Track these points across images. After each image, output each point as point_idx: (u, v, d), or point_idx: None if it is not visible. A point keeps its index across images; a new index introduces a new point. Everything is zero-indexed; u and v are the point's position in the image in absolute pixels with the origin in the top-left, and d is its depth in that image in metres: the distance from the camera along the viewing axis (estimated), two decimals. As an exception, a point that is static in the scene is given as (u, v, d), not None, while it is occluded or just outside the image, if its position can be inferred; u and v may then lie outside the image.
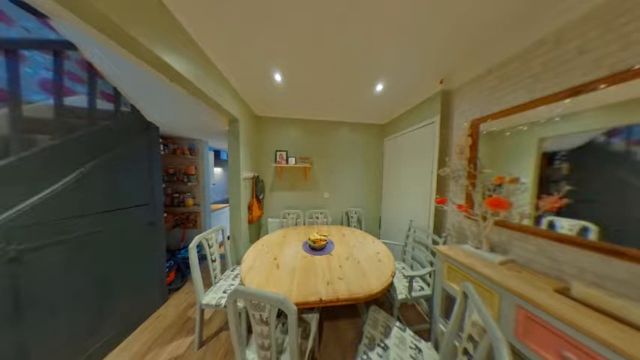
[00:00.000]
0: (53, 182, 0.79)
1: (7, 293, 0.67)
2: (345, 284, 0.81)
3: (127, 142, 1.11)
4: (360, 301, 0.74)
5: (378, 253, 1.13)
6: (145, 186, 1.23)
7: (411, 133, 1.63)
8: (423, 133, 1.48)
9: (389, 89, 1.36)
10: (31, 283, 0.73)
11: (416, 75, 1.17)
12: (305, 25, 0.79)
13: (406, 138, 1.72)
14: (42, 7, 0.49)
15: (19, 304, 0.70)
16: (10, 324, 0.68)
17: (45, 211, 0.76)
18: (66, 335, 0.84)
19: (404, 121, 1.76)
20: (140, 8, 0.60)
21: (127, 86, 1.07)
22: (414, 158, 1.59)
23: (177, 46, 0.77)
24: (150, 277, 1.29)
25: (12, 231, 0.68)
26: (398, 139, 1.87)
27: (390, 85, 1.30)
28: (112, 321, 1.03)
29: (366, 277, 0.86)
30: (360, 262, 1.02)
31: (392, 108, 1.74)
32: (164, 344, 1.08)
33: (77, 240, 0.87)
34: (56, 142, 0.81)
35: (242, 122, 1.54)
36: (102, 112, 1.03)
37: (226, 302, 0.62)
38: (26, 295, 0.72)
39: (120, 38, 0.58)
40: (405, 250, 1.46)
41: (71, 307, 0.86)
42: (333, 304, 0.72)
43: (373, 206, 2.25)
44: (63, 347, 0.83)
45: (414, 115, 1.59)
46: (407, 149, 1.70)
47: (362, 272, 0.91)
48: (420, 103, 1.51)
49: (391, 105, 1.67)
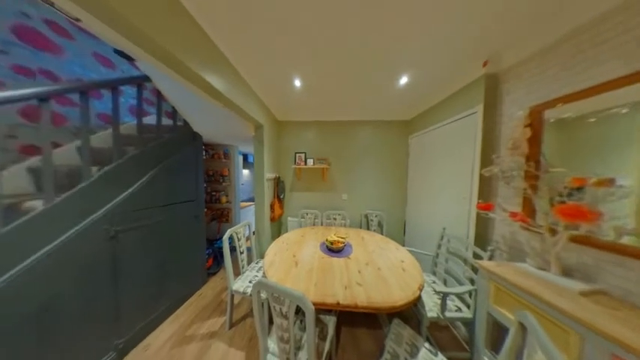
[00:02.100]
0: (135, 182, 1.05)
1: (109, 260, 0.93)
2: (364, 291, 0.77)
3: (180, 149, 1.37)
4: (380, 311, 0.69)
5: (402, 262, 1.03)
6: (192, 185, 1.49)
7: (444, 128, 1.43)
8: (459, 126, 1.27)
9: (415, 81, 1.23)
10: (121, 256, 0.98)
11: (449, 60, 1.01)
12: (322, 29, 0.80)
13: (437, 134, 1.52)
14: (131, 53, 0.68)
15: (115, 270, 0.96)
16: (110, 282, 0.94)
17: (129, 204, 1.01)
18: (141, 299, 1.10)
19: (434, 114, 1.56)
20: (191, 40, 0.74)
21: (180, 104, 1.34)
22: (447, 156, 1.39)
23: (215, 67, 0.91)
24: (194, 262, 1.55)
25: (112, 217, 0.93)
26: (426, 135, 1.67)
27: (417, 76, 1.17)
28: (168, 295, 1.28)
29: (388, 287, 0.79)
30: (382, 269, 0.96)
31: (418, 102, 1.56)
32: (203, 320, 1.28)
33: (148, 226, 1.13)
34: (137, 152, 1.07)
35: (266, 128, 1.68)
36: (165, 127, 1.32)
37: (251, 291, 0.68)
38: (119, 264, 0.97)
39: (176, 66, 0.73)
40: (436, 262, 1.28)
41: (144, 279, 1.11)
42: (351, 310, 0.70)
43: (396, 210, 2.07)
44: (138, 308, 1.08)
45: (448, 106, 1.39)
46: (438, 146, 1.50)
47: (383, 280, 0.85)
48: (455, 92, 1.31)
49: (418, 98, 1.50)
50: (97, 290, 0.88)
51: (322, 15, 0.74)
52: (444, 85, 1.28)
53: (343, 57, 0.99)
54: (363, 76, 1.19)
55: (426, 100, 1.53)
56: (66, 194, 0.78)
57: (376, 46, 0.90)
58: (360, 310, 0.69)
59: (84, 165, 0.85)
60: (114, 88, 1.00)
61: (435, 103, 1.55)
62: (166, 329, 1.19)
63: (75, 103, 1.19)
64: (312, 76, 1.19)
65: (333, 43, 0.89)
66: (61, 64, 1.17)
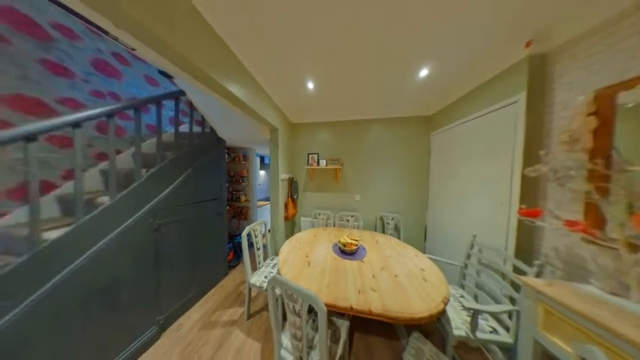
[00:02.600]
0: (172, 182, 1.22)
1: (153, 250, 1.10)
2: (379, 297, 0.73)
3: (207, 153, 1.54)
4: (397, 321, 0.64)
5: (423, 270, 0.95)
6: (216, 185, 1.65)
7: (474, 122, 1.27)
8: (494, 119, 1.11)
9: (438, 72, 1.13)
10: (162, 246, 1.15)
11: (481, 44, 0.89)
12: (335, 31, 0.80)
13: (465, 129, 1.35)
14: (171, 72, 0.80)
15: (157, 257, 1.12)
16: (153, 269, 1.10)
17: (168, 201, 1.18)
18: (176, 284, 1.26)
19: (461, 107, 1.40)
20: (216, 56, 0.83)
21: (208, 113, 1.50)
22: (478, 154, 1.23)
23: (236, 78, 1.00)
24: (217, 254, 1.71)
25: (155, 212, 1.10)
26: (452, 131, 1.50)
27: (441, 66, 1.07)
28: (197, 282, 1.45)
29: (407, 296, 0.74)
30: (399, 276, 0.89)
31: (442, 95, 1.42)
32: (225, 308, 1.39)
33: (182, 221, 1.29)
34: (174, 156, 1.24)
35: (280, 130, 1.76)
36: (195, 134, 1.50)
37: (267, 286, 0.72)
38: (160, 253, 1.14)
39: (205, 80, 0.83)
40: (464, 274, 1.14)
41: (178, 266, 1.28)
42: (364, 316, 0.67)
43: (415, 213, 1.91)
44: (173, 291, 1.25)
45: (478, 97, 1.23)
46: (467, 143, 1.34)
47: (400, 288, 0.79)
48: (487, 81, 1.16)
49: (441, 91, 1.37)
50: (144, 273, 1.05)
51: (334, 18, 0.74)
52: (473, 74, 1.14)
53: (357, 56, 0.97)
54: (379, 73, 1.14)
55: (451, 93, 1.39)
56: (124, 192, 0.95)
57: (394, 38, 0.85)
58: (374, 317, 0.66)
59: (136, 168, 1.03)
60: (158, 102, 1.19)
61: (461, 95, 1.39)
62: (195, 313, 1.34)
63: (130, 117, 1.45)
64: (325, 77, 1.20)
65: (346, 44, 0.88)
66: (121, 86, 1.44)
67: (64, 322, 0.73)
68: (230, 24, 0.78)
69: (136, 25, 0.53)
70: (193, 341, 1.11)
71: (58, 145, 1.09)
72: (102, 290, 0.85)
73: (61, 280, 0.72)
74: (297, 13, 0.72)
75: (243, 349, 1.06)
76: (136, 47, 0.63)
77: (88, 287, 0.80)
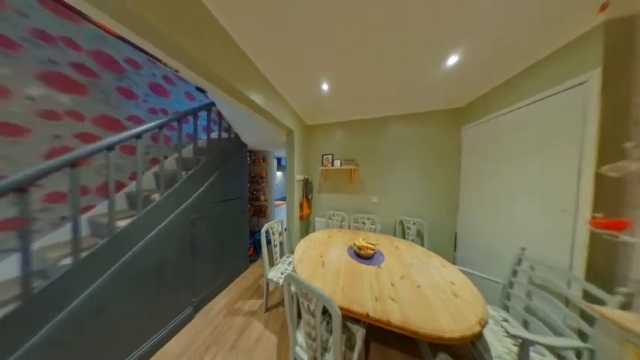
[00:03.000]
0: (204, 182, 1.40)
1: (189, 240, 1.27)
2: (399, 308, 0.67)
3: (232, 156, 1.72)
4: (419, 336, 0.58)
5: (453, 284, 0.83)
6: (239, 185, 1.82)
7: (521, 111, 1.06)
8: (550, 106, 0.91)
9: (472, 57, 0.98)
10: (196, 237, 1.32)
11: (533, 15, 0.73)
12: (354, 28, 0.79)
13: (508, 120, 1.15)
14: (204, 87, 0.92)
15: (193, 247, 1.30)
16: (189, 257, 1.28)
17: (201, 198, 1.36)
18: (207, 272, 1.43)
19: (502, 95, 1.19)
20: (239, 67, 0.93)
21: (233, 121, 1.67)
22: (528, 149, 1.02)
23: (256, 86, 1.09)
24: (240, 248, 1.88)
25: (192, 208, 1.28)
26: (490, 123, 1.29)
27: (475, 50, 0.93)
28: (223, 272, 1.61)
29: (432, 311, 0.66)
30: (422, 287, 0.81)
31: (476, 82, 1.24)
32: (246, 298, 1.51)
33: (212, 216, 1.46)
34: (206, 160, 1.43)
35: (296, 133, 1.83)
36: (223, 140, 1.69)
37: (283, 283, 0.74)
38: (195, 243, 1.31)
39: (230, 90, 0.94)
40: (508, 293, 0.96)
41: (209, 256, 1.45)
42: (382, 326, 0.63)
43: (442, 218, 1.70)
44: (205, 278, 1.42)
45: (526, 81, 1.03)
46: (511, 136, 1.13)
47: (424, 301, 0.71)
48: (539, 61, 0.96)
49: (475, 78, 1.19)
50: (183, 260, 1.23)
51: (353, 17, 0.73)
52: (519, 55, 0.95)
53: (376, 52, 0.93)
54: (400, 66, 1.07)
55: (487, 80, 1.19)
56: (169, 190, 1.14)
57: (418, 26, 0.78)
58: (393, 328, 0.61)
59: (178, 170, 1.22)
60: (194, 114, 1.39)
61: (501, 82, 1.18)
62: (222, 299, 1.50)
63: (174, 127, 1.73)
64: (341, 77, 1.19)
65: (364, 41, 0.86)
66: (169, 102, 1.74)
67: (129, 292, 0.92)
68: (251, 36, 0.86)
69: (180, 50, 0.64)
70: (220, 325, 1.24)
71: (127, 153, 1.40)
72: (154, 270, 1.04)
73: (128, 259, 0.91)
74: (314, 17, 0.74)
75: (262, 339, 1.13)
76: (179, 69, 0.76)
77: (144, 266, 0.99)
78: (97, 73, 1.25)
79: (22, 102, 0.96)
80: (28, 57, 0.98)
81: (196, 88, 1.83)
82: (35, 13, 0.99)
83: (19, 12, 0.94)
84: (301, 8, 0.70)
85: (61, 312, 0.70)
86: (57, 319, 0.69)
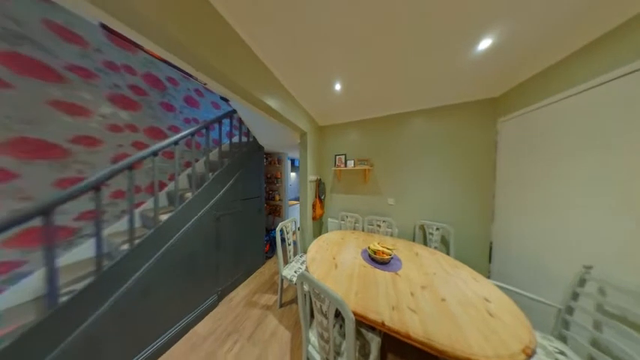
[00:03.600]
0: (227, 182, 1.54)
1: (214, 235, 1.42)
2: (420, 321, 0.62)
3: (251, 158, 1.85)
4: (446, 356, 0.52)
5: (488, 301, 0.72)
6: (257, 185, 1.94)
7: (584, 96, 0.87)
8: (627, 88, 0.72)
9: (513, 35, 0.83)
10: (220, 233, 1.46)
11: None
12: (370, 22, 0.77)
13: (565, 108, 0.95)
14: (227, 96, 1.02)
15: (217, 241, 1.44)
16: (214, 250, 1.42)
17: (224, 197, 1.50)
18: (229, 264, 1.57)
19: (554, 78, 0.99)
20: (256, 74, 0.99)
21: (251, 125, 1.80)
22: (593, 144, 0.83)
23: (272, 91, 1.15)
24: (257, 245, 2.00)
25: (217, 205, 1.42)
26: (537, 113, 1.09)
27: (518, 25, 0.78)
28: (242, 265, 1.74)
29: (460, 329, 0.59)
30: (447, 301, 0.73)
31: (517, 66, 1.05)
32: (263, 293, 1.60)
33: (233, 214, 1.60)
34: (229, 162, 1.57)
35: (309, 134, 1.86)
36: (243, 143, 1.83)
37: (296, 281, 0.76)
38: (219, 238, 1.45)
39: (249, 97, 1.01)
40: (567, 320, 0.79)
41: (231, 250, 1.58)
42: (401, 338, 0.58)
43: (473, 224, 1.50)
44: (227, 270, 1.56)
45: (589, 60, 0.84)
46: (570, 128, 0.93)
47: (450, 317, 0.64)
48: (606, 33, 0.77)
49: (515, 62, 1.02)
50: (209, 252, 1.38)
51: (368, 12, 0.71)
52: (580, 28, 0.77)
53: (394, 44, 0.88)
54: (422, 56, 0.97)
55: (531, 62, 1.01)
56: (199, 189, 1.29)
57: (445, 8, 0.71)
58: (413, 342, 0.56)
59: (206, 172, 1.38)
60: (219, 121, 1.54)
61: (552, 63, 0.98)
62: (242, 291, 1.62)
63: (203, 134, 1.96)
64: (355, 75, 1.16)
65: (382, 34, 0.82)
66: (199, 112, 1.98)
67: (168, 276, 1.08)
68: (267, 45, 0.92)
69: (208, 65, 0.73)
70: (239, 314, 1.34)
71: (167, 157, 1.64)
72: (186, 259, 1.19)
73: (167, 248, 1.06)
74: (328, 15, 0.74)
75: (277, 333, 1.18)
76: (207, 82, 0.86)
77: (179, 255, 1.14)
78: (147, 92, 1.51)
79: (97, 119, 1.22)
80: (101, 84, 1.24)
81: (221, 98, 2.05)
82: (106, 48, 1.26)
83: (96, 49, 1.21)
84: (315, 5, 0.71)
85: (120, 287, 0.86)
86: (119, 292, 0.85)
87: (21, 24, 0.94)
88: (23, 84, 0.95)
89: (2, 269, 0.90)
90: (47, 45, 1.02)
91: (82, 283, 0.80)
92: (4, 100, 0.90)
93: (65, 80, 1.09)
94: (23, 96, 0.95)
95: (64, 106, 1.08)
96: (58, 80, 1.06)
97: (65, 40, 1.08)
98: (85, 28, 1.15)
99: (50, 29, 1.03)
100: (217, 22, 0.73)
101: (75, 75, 1.13)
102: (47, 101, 1.03)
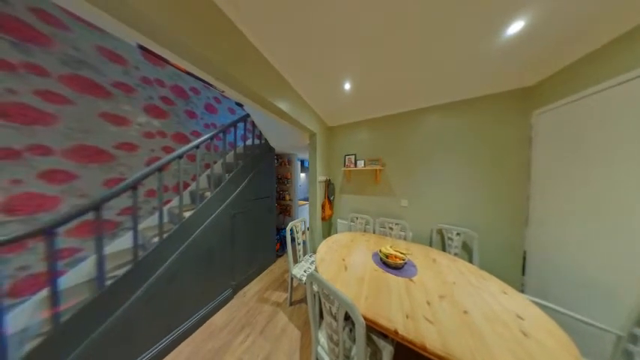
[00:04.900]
0: (242, 182, 1.63)
1: (229, 232, 1.51)
2: (438, 332, 0.57)
3: (263, 159, 1.93)
4: (469, 376, 0.47)
5: (520, 319, 0.64)
6: (268, 185, 2.02)
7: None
8: None
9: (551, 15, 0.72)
10: (235, 230, 1.56)
11: None
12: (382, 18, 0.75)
13: (620, 95, 0.80)
14: (241, 101, 1.08)
15: (232, 238, 1.53)
16: (229, 246, 1.52)
17: (239, 197, 1.59)
18: (243, 260, 1.66)
19: (607, 61, 0.84)
20: (267, 78, 1.04)
21: (263, 128, 1.89)
22: None
23: (282, 94, 1.18)
24: (269, 243, 2.07)
25: (232, 204, 1.52)
26: (586, 102, 0.93)
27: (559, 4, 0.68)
28: (255, 262, 1.82)
29: (487, 347, 0.53)
30: (470, 313, 0.66)
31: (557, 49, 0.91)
32: (274, 290, 1.65)
33: (247, 212, 1.69)
34: (243, 163, 1.66)
35: (318, 135, 1.87)
36: (256, 146, 1.92)
37: (305, 281, 0.77)
38: (234, 235, 1.55)
39: (260, 101, 1.06)
40: (629, 351, 0.66)
41: (245, 247, 1.67)
42: (416, 349, 0.55)
43: (502, 230, 1.34)
44: (241, 265, 1.65)
45: None
46: (626, 119, 0.78)
47: (472, 332, 0.58)
48: None
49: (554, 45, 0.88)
50: (225, 248, 1.47)
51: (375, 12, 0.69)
52: None
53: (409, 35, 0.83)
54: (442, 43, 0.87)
55: (575, 43, 0.86)
56: (217, 189, 1.39)
57: None
58: (429, 355, 0.52)
59: (222, 173, 1.48)
60: (235, 125, 1.65)
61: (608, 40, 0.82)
62: (254, 286, 1.69)
63: (220, 138, 2.11)
64: (366, 70, 1.12)
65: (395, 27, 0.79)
66: (217, 118, 2.14)
67: (189, 269, 1.18)
68: (279, 51, 0.95)
69: (227, 75, 0.79)
70: (252, 309, 1.41)
71: (190, 160, 1.81)
72: (205, 254, 1.29)
73: (189, 243, 1.17)
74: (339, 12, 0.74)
75: (287, 330, 1.20)
76: (224, 90, 0.93)
77: (200, 249, 1.24)
78: (174, 102, 1.68)
79: (135, 128, 1.41)
80: (139, 96, 1.43)
81: (236, 103, 2.19)
82: (142, 65, 1.44)
83: (134, 67, 1.40)
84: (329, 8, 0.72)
85: (152, 275, 0.98)
86: (151, 279, 0.96)
87: (79, 50, 1.13)
88: (82, 100, 1.15)
89: (65, 254, 1.09)
90: (99, 66, 1.21)
91: (122, 269, 0.93)
92: (68, 115, 1.10)
93: (111, 95, 1.28)
94: (81, 110, 1.15)
95: (110, 117, 1.27)
96: (106, 96, 1.25)
97: (111, 61, 1.27)
98: (125, 48, 1.34)
99: (101, 53, 1.22)
100: (233, 34, 0.78)
101: (119, 90, 1.32)
102: (98, 114, 1.22)
